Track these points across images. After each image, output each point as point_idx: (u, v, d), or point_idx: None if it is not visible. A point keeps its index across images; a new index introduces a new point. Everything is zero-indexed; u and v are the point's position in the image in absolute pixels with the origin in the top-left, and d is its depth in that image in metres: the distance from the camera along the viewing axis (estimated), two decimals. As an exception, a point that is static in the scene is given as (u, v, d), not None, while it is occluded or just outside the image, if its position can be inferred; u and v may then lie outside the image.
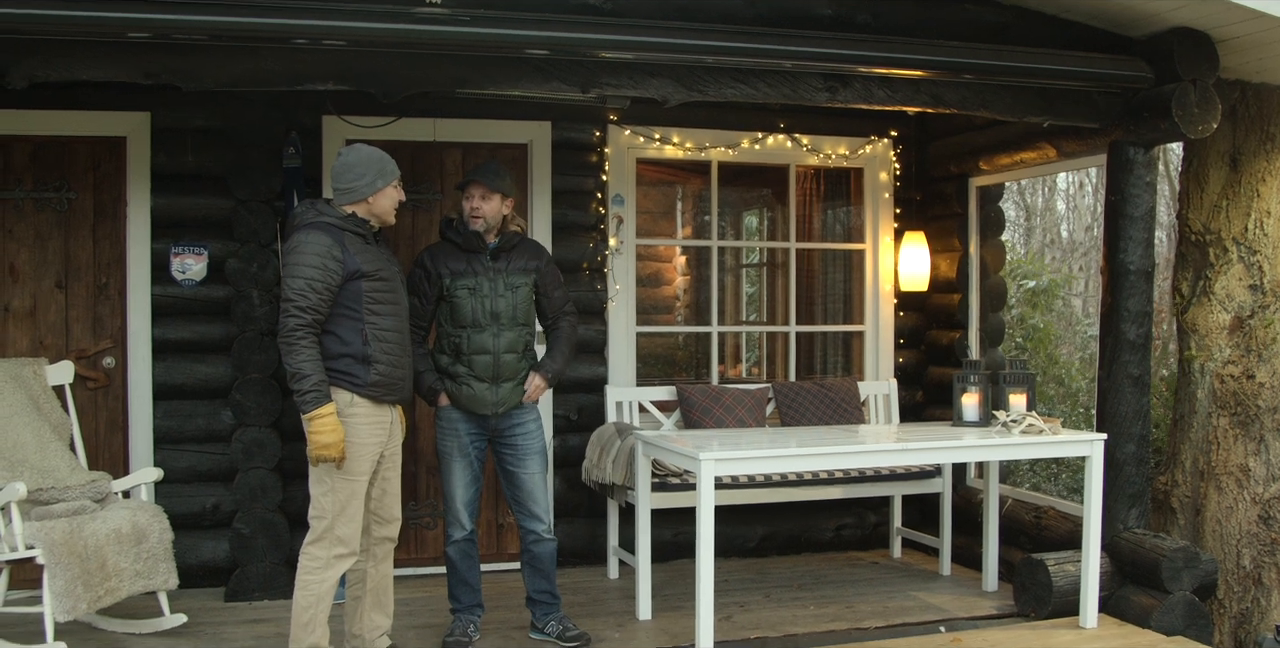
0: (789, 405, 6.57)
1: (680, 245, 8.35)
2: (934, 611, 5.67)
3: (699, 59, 4.89)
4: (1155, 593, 5.32)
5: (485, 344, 4.97)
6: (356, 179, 4.43)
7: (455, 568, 5.14)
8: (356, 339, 4.37)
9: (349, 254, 4.34)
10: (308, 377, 4.22)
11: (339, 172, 4.46)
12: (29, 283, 5.91)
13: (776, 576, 6.43)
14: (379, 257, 4.49)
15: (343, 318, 4.36)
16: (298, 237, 4.34)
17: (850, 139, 7.03)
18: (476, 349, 4.97)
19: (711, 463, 4.77)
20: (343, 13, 4.37)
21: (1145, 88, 5.34)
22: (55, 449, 5.27)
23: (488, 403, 4.99)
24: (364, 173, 4.43)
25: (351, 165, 4.44)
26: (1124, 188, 5.52)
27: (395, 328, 4.51)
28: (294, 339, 4.23)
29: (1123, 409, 5.56)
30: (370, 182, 4.44)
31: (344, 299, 4.35)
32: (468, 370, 4.97)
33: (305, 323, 4.24)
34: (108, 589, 4.85)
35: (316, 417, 4.22)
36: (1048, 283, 10.44)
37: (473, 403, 4.98)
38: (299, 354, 4.23)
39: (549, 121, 6.48)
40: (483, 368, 4.97)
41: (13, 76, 4.32)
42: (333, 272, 4.29)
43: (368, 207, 4.47)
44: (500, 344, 4.99)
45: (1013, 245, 16.92)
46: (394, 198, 4.53)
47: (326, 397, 4.25)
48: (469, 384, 4.97)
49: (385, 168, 4.48)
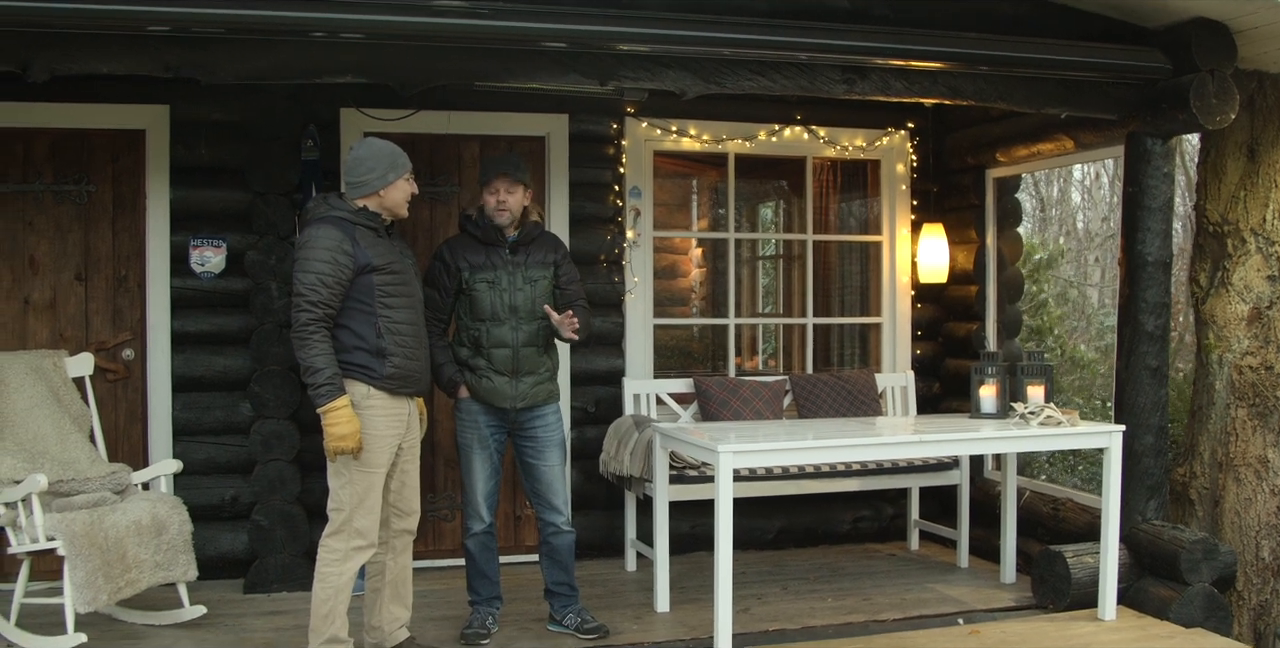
0: (806, 398, 6.57)
1: (697, 237, 8.35)
2: (952, 603, 5.67)
3: (716, 51, 4.88)
4: (1174, 585, 5.31)
5: (504, 338, 4.98)
6: (368, 172, 4.44)
7: (474, 561, 5.16)
8: (370, 333, 4.38)
9: (360, 248, 4.35)
10: (320, 370, 4.23)
11: (351, 165, 4.47)
12: (49, 275, 5.93)
13: (794, 568, 6.43)
14: (391, 250, 4.49)
15: (356, 312, 4.37)
16: (309, 231, 4.35)
17: (867, 131, 7.01)
18: (496, 342, 4.98)
19: (730, 455, 4.76)
20: (361, 5, 4.38)
21: (1163, 79, 5.31)
22: (75, 441, 5.30)
23: (507, 396, 5.00)
24: (375, 166, 4.44)
25: (363, 159, 4.45)
26: (1142, 179, 5.50)
27: (409, 321, 4.51)
28: (306, 333, 4.25)
29: (1141, 400, 5.54)
30: (381, 175, 4.44)
31: (356, 293, 4.36)
32: (487, 364, 4.99)
33: (317, 317, 4.26)
34: (128, 581, 4.88)
35: (331, 409, 4.24)
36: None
37: (492, 396, 4.99)
38: (311, 348, 4.24)
39: (566, 114, 6.48)
40: (502, 361, 4.98)
41: (34, 70, 4.33)
42: (343, 266, 4.29)
43: (379, 200, 4.48)
44: (520, 338, 5.00)
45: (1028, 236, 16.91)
46: (406, 191, 4.53)
47: (340, 390, 4.27)
48: (489, 377, 4.98)
49: (397, 161, 4.49)
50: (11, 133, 5.85)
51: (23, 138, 5.88)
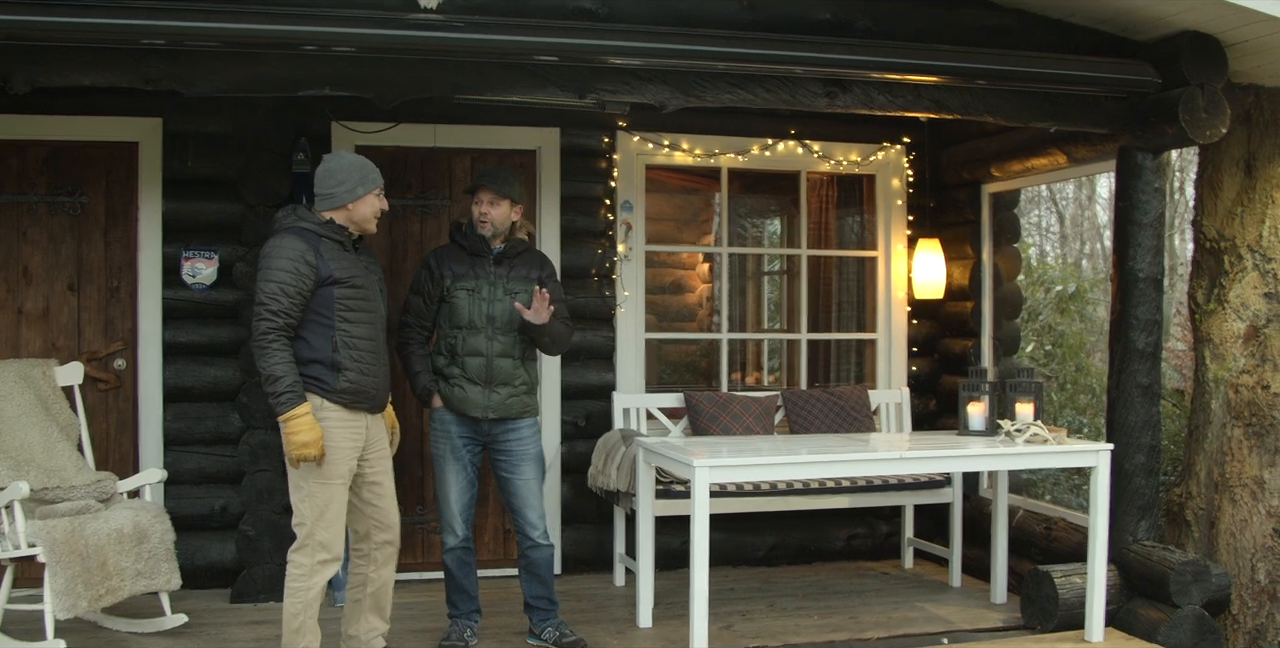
0: (798, 413, 6.53)
1: (688, 252, 8.32)
2: (939, 622, 5.60)
3: (695, 64, 4.86)
4: (1163, 607, 5.23)
5: (479, 347, 4.99)
6: (336, 185, 4.44)
7: (452, 576, 5.16)
8: (326, 346, 4.37)
9: (323, 260, 4.35)
10: (280, 378, 4.23)
11: (321, 178, 4.47)
12: (42, 285, 5.99)
13: (783, 585, 6.38)
14: (355, 264, 4.49)
15: (314, 324, 4.37)
16: (272, 241, 4.36)
17: (862, 145, 6.97)
18: (470, 351, 4.99)
19: (706, 470, 4.75)
20: (335, 18, 4.40)
21: (1152, 92, 5.25)
22: (62, 449, 5.33)
23: (479, 406, 5.00)
24: (344, 180, 4.44)
25: (333, 171, 4.46)
26: (1133, 194, 5.44)
27: (367, 336, 4.49)
28: (265, 342, 4.25)
29: (1132, 419, 5.47)
30: (351, 188, 4.44)
31: (315, 305, 4.36)
32: (460, 372, 5.00)
33: (277, 326, 4.26)
34: (108, 589, 4.90)
35: (292, 417, 4.24)
36: (1075, 288, 10.31)
37: (464, 405, 5.00)
38: (271, 356, 4.24)
39: (557, 128, 6.48)
40: (475, 370, 4.98)
41: (15, 82, 4.38)
42: (305, 276, 4.29)
43: (347, 213, 4.48)
44: (495, 348, 5.00)
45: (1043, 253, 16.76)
46: (375, 206, 4.53)
47: (300, 397, 4.27)
48: (461, 386, 4.99)
49: (367, 176, 4.49)
50: (6, 145, 5.91)
51: (17, 150, 5.94)
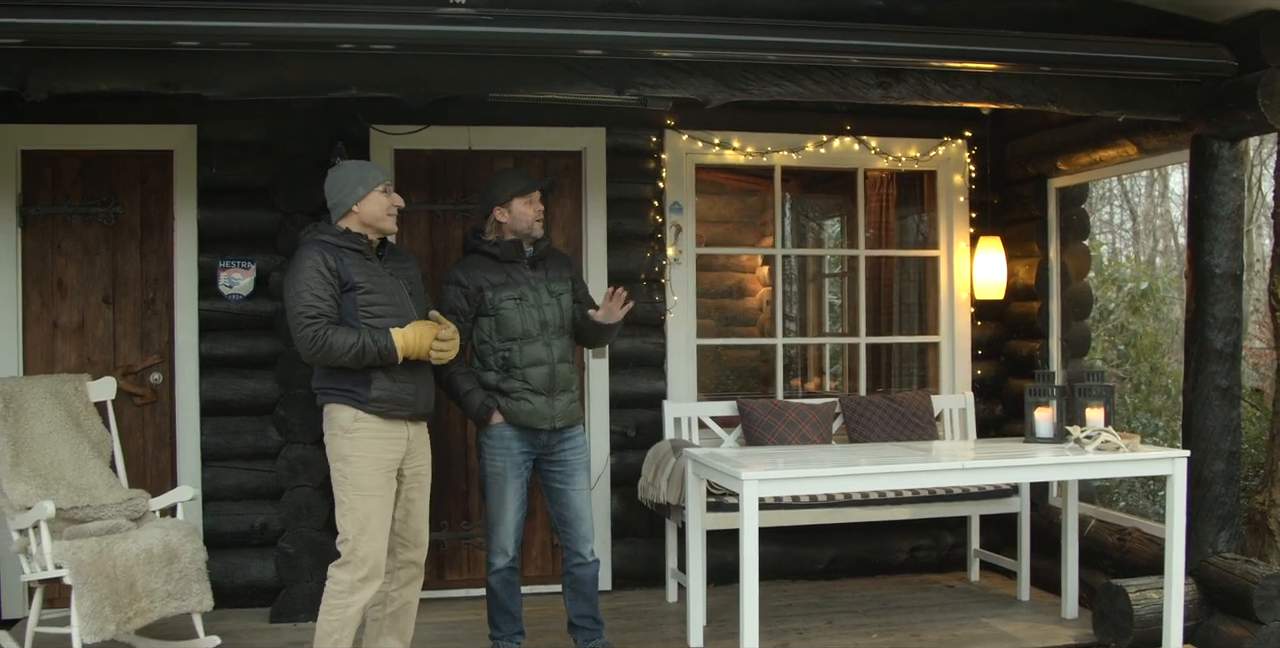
0: (857, 421, 6.25)
1: (746, 254, 8.08)
2: (1006, 640, 5.31)
3: (745, 55, 4.64)
4: (1246, 623, 4.90)
5: (539, 355, 4.79)
6: (339, 192, 4.36)
7: (496, 596, 4.95)
8: None
9: (344, 265, 4.25)
10: (358, 343, 4.15)
11: (326, 191, 4.41)
12: (77, 298, 5.87)
13: (843, 600, 6.11)
14: (377, 271, 4.36)
15: None
16: (294, 257, 4.30)
17: (921, 140, 6.67)
18: (530, 361, 4.78)
19: (755, 484, 4.51)
20: (358, 14, 4.24)
21: (1228, 76, 4.93)
22: (94, 467, 5.20)
23: (545, 417, 4.80)
24: (344, 185, 4.35)
25: (333, 181, 4.40)
26: (1208, 185, 5.11)
27: None
28: (321, 338, 4.14)
29: (1210, 423, 5.14)
30: (351, 190, 4.33)
31: (341, 313, 4.25)
32: (523, 384, 4.78)
33: (321, 322, 4.15)
34: (137, 611, 4.74)
35: (399, 349, 4.21)
36: (1148, 286, 9.93)
37: (532, 418, 4.78)
38: (334, 341, 4.14)
39: (603, 128, 6.26)
40: (539, 380, 4.78)
41: (31, 88, 4.26)
42: (329, 279, 4.21)
43: (357, 217, 4.36)
44: (554, 354, 4.83)
45: (1115, 251, 16.27)
46: (382, 203, 4.39)
47: (386, 334, 4.20)
48: (526, 399, 4.78)
49: (366, 175, 4.38)
50: (40, 155, 5.80)
51: (51, 160, 5.83)
